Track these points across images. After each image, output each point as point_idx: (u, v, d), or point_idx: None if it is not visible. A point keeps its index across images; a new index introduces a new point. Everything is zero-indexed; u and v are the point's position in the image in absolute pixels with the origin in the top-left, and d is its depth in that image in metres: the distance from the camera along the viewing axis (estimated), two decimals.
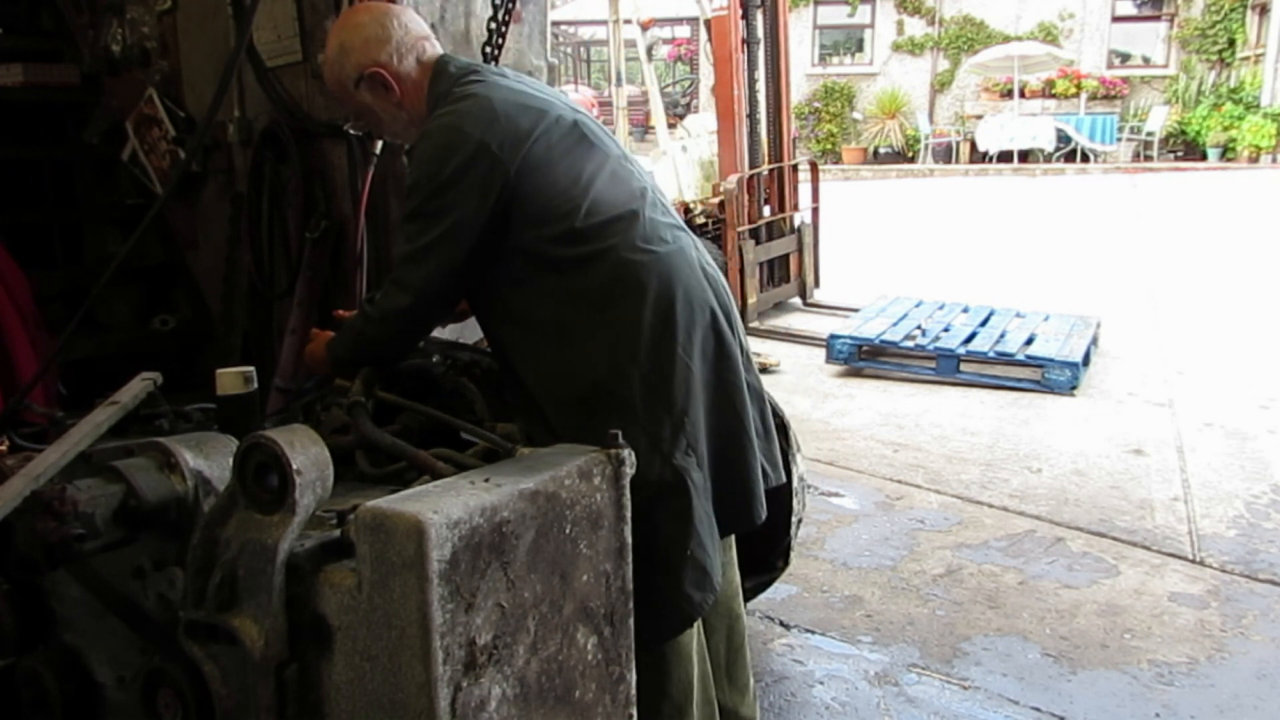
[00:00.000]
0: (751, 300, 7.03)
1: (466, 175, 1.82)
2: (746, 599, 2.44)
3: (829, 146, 19.75)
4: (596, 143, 1.95)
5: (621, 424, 1.64)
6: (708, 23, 8.09)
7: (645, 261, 1.86)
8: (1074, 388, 5.39)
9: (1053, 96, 18.67)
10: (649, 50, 11.51)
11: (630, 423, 1.75)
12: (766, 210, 7.46)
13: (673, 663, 1.91)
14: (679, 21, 20.48)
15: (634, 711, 1.66)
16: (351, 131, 2.68)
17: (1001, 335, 5.92)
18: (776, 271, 7.61)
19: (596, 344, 1.84)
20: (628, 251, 1.85)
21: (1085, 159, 17.57)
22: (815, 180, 7.93)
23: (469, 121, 1.84)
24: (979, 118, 18.71)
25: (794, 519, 2.60)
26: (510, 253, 1.88)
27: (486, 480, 1.43)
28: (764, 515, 2.01)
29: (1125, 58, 19.51)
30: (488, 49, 2.70)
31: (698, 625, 1.97)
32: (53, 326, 3.23)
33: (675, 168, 9.06)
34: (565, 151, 1.89)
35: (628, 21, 11.28)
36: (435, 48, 2.05)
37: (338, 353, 2.05)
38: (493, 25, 2.66)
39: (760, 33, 7.26)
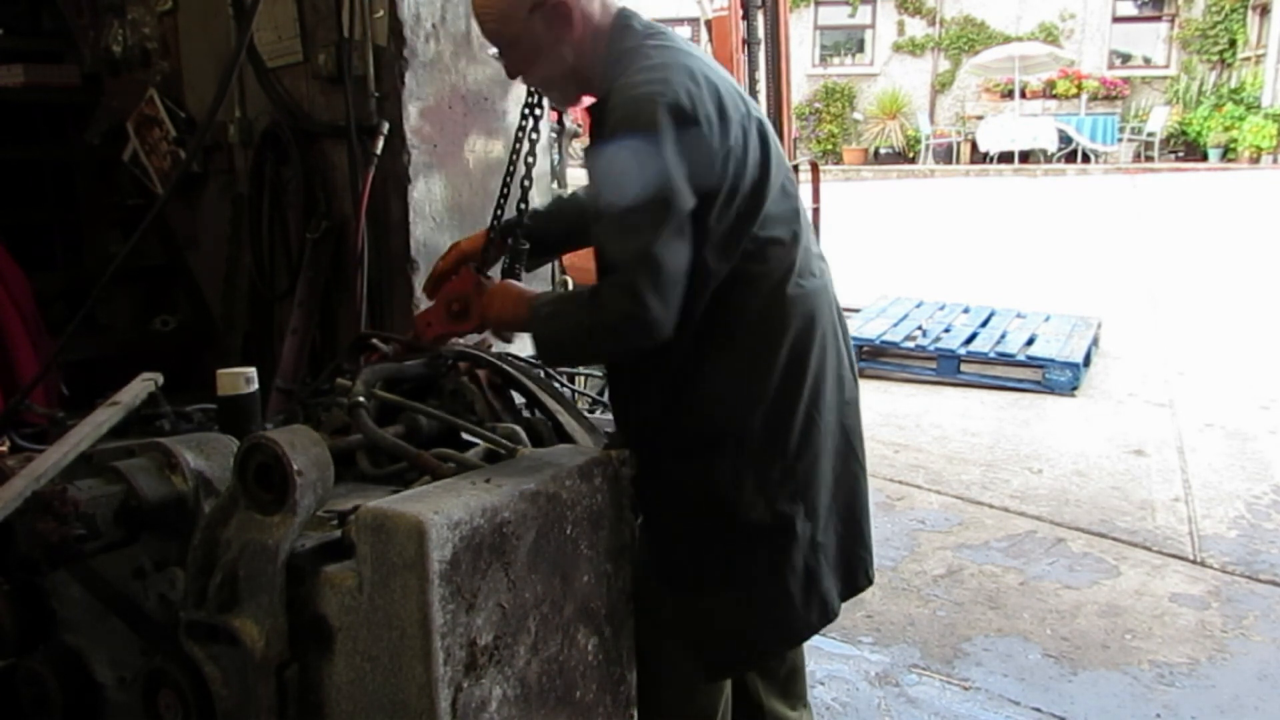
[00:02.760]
0: None
1: (682, 154, 1.55)
2: None
3: (830, 147, 19.74)
4: (774, 148, 1.73)
5: (731, 459, 1.61)
6: (708, 23, 8.06)
7: (795, 296, 1.70)
8: (1075, 388, 5.38)
9: (1053, 97, 18.67)
10: None
11: (741, 459, 1.66)
12: None
13: (698, 688, 1.82)
14: (679, 22, 20.41)
15: (634, 712, 1.67)
16: (494, 58, 2.36)
17: (1002, 336, 5.91)
18: None
19: (727, 370, 1.69)
20: (782, 282, 1.69)
21: (1086, 159, 17.56)
22: (816, 181, 7.89)
23: (683, 94, 1.57)
24: (980, 118, 18.71)
25: None
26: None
27: (487, 481, 1.43)
28: (872, 580, 1.87)
29: (1126, 58, 19.51)
30: None
31: None
32: (54, 327, 3.22)
33: None
34: (753, 150, 1.68)
35: None
36: None
37: (541, 331, 1.70)
38: None
39: (761, 33, 7.23)
